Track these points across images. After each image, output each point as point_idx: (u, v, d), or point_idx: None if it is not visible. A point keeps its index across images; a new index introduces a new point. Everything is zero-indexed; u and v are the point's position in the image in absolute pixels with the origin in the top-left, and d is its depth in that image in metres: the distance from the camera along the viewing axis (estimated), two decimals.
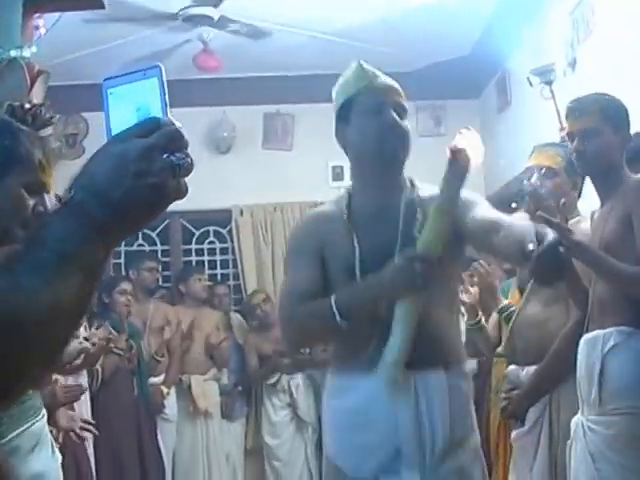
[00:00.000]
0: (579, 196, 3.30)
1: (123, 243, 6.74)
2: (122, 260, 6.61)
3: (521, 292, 3.40)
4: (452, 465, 2.25)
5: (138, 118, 0.98)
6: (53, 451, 2.18)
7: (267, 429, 6.17)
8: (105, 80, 1.02)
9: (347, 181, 6.72)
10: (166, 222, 6.85)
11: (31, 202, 1.81)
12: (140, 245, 6.89)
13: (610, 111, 2.81)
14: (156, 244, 6.96)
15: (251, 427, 6.41)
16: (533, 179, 3.25)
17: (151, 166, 0.90)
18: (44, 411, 2.15)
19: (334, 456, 2.36)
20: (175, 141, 0.93)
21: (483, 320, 3.68)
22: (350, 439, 2.31)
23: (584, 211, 3.21)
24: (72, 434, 3.44)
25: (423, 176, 7.18)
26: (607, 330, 2.70)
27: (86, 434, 3.61)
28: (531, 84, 4.98)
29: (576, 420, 2.77)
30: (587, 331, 2.79)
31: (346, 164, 7.18)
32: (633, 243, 2.61)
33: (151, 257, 6.34)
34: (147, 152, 0.91)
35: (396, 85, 2.47)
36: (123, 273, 6.22)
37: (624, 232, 2.65)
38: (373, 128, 2.36)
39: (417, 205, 2.36)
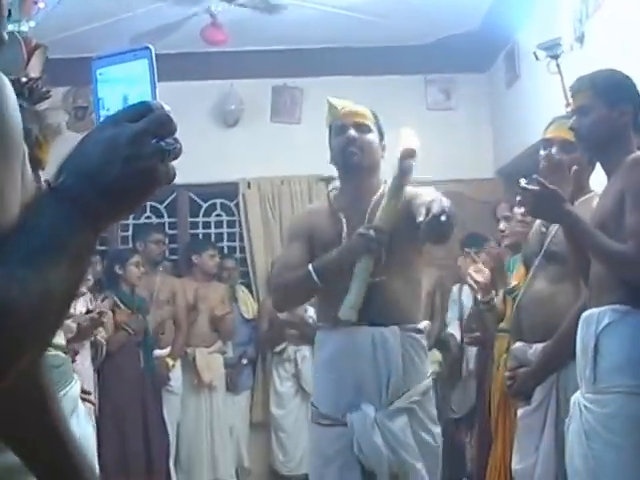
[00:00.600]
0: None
1: (131, 216, 6.78)
2: (130, 233, 6.62)
3: (526, 267, 3.39)
4: (402, 403, 2.90)
5: (127, 100, 0.98)
6: (88, 417, 2.20)
7: (273, 399, 6.23)
8: (94, 60, 1.01)
9: None
10: (174, 195, 6.86)
11: None
12: (148, 218, 6.91)
13: (602, 86, 2.80)
14: (163, 217, 6.97)
15: (258, 400, 6.46)
16: (553, 150, 3.24)
17: (141, 151, 0.90)
18: (76, 377, 2.17)
19: (316, 400, 3.07)
20: (165, 126, 0.92)
21: (495, 300, 3.69)
22: (324, 384, 3.03)
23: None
24: None
25: (432, 149, 7.16)
26: (602, 308, 2.68)
27: (88, 405, 3.65)
28: (537, 58, 4.96)
29: (574, 398, 2.77)
30: (587, 309, 2.78)
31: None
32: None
33: (158, 229, 6.35)
34: (138, 137, 0.90)
35: (359, 109, 3.13)
36: (130, 245, 6.23)
37: (619, 210, 2.63)
38: (338, 145, 3.06)
39: (394, 192, 2.95)
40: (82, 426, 2.11)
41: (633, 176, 2.63)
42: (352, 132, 3.01)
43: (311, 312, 5.55)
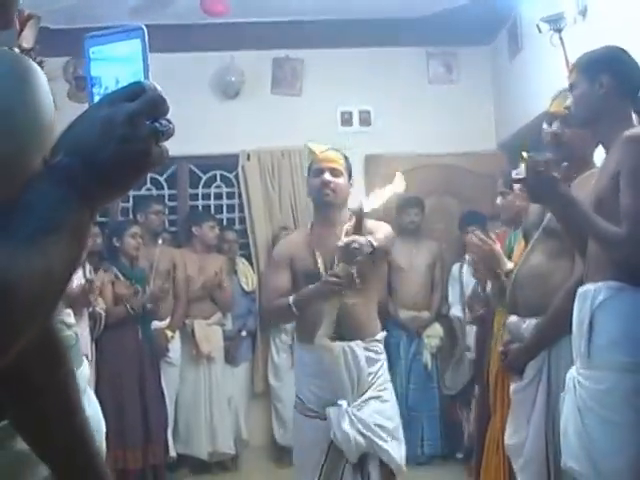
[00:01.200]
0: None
1: None
2: (130, 204, 6.62)
3: (526, 240, 3.39)
4: (368, 395, 3.59)
5: (119, 79, 0.99)
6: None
7: (271, 371, 6.29)
8: (87, 38, 1.01)
9: (356, 127, 6.82)
10: (174, 167, 6.85)
11: None
12: (148, 189, 6.89)
13: (584, 63, 2.85)
14: (163, 188, 6.95)
15: (259, 371, 6.49)
16: (555, 125, 3.24)
17: (137, 132, 0.91)
18: (85, 358, 2.18)
19: (301, 394, 3.70)
20: (158, 107, 0.94)
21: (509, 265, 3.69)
22: (308, 386, 3.67)
23: None
24: None
25: (433, 122, 7.12)
26: (598, 285, 2.69)
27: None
28: (540, 31, 4.96)
29: (569, 374, 2.78)
30: (582, 285, 2.79)
31: (355, 110, 7.18)
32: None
33: (158, 200, 6.33)
34: (133, 118, 0.91)
35: (334, 156, 3.75)
36: (131, 217, 6.23)
37: (614, 187, 2.63)
38: (315, 185, 3.70)
39: (355, 229, 3.49)
40: (92, 407, 2.13)
41: (626, 154, 2.61)
42: (327, 176, 3.65)
43: None
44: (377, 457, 3.55)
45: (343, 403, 3.53)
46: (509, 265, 3.54)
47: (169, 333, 5.76)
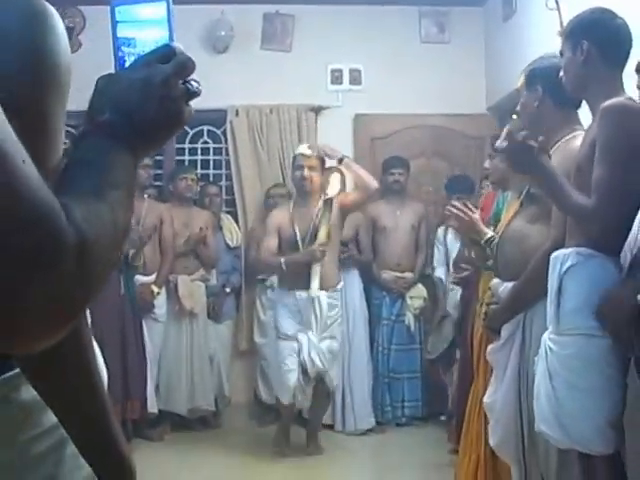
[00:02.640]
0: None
1: None
2: None
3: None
4: (325, 334, 5.23)
5: (145, 41, 1.05)
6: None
7: (256, 328, 6.30)
8: None
9: (346, 85, 6.78)
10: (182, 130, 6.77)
11: None
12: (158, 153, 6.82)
13: (568, 30, 2.87)
14: None
15: (243, 329, 6.51)
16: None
17: (172, 92, 0.98)
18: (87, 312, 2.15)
19: (278, 324, 5.28)
20: (188, 69, 1.00)
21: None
22: (284, 319, 5.25)
23: None
24: None
25: (424, 82, 7.06)
26: (568, 250, 2.74)
27: None
28: None
29: (542, 338, 2.82)
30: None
31: (346, 68, 7.12)
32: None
33: None
34: (170, 79, 0.97)
35: (311, 152, 5.32)
36: None
37: (591, 156, 2.65)
38: (295, 177, 5.39)
39: (324, 211, 5.17)
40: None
41: (602, 126, 2.62)
42: (306, 172, 5.24)
43: None
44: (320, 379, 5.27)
45: (310, 334, 5.17)
46: (489, 234, 3.57)
47: (155, 289, 5.74)
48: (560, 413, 2.69)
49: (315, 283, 5.10)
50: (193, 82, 1.01)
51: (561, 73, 2.90)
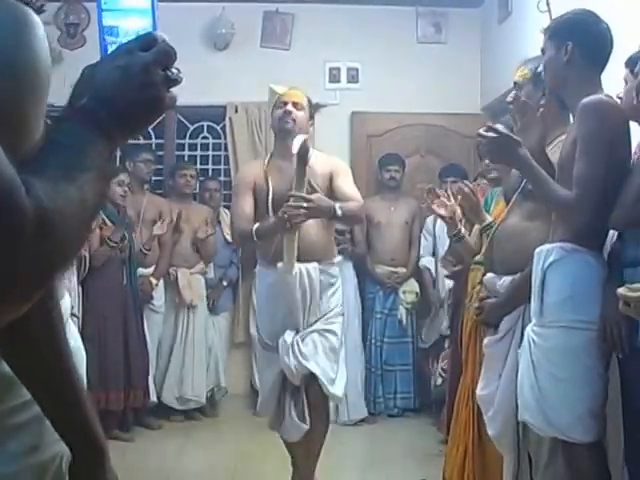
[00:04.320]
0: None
1: None
2: (117, 152, 6.65)
3: (507, 202, 3.44)
4: (316, 327, 3.97)
5: (129, 29, 1.08)
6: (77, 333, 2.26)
7: (253, 321, 6.28)
8: None
9: (343, 83, 6.86)
10: (162, 116, 6.85)
11: None
12: (136, 138, 6.92)
13: (552, 29, 2.92)
14: (151, 137, 6.98)
15: (240, 320, 6.61)
16: (519, 93, 3.34)
17: (152, 79, 1.00)
18: (66, 293, 2.20)
19: (259, 328, 4.16)
20: (170, 57, 1.02)
21: (463, 231, 3.79)
22: (263, 316, 4.14)
23: None
24: None
25: (420, 82, 7.12)
26: (551, 245, 2.80)
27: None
28: None
29: (526, 331, 2.89)
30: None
31: (343, 66, 7.18)
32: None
33: (147, 149, 6.36)
34: (150, 66, 0.99)
35: (298, 92, 4.12)
36: (118, 165, 6.26)
37: (573, 153, 2.72)
38: (277, 115, 4.05)
39: (298, 160, 3.79)
40: (74, 337, 2.17)
41: (582, 122, 2.69)
42: (289, 107, 3.99)
43: None
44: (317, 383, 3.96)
45: (289, 336, 3.92)
46: (489, 219, 3.62)
47: (154, 281, 5.86)
48: (543, 402, 2.76)
49: (290, 256, 3.81)
50: (174, 70, 1.02)
51: (540, 67, 2.98)
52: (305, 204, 3.69)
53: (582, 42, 2.82)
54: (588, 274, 2.73)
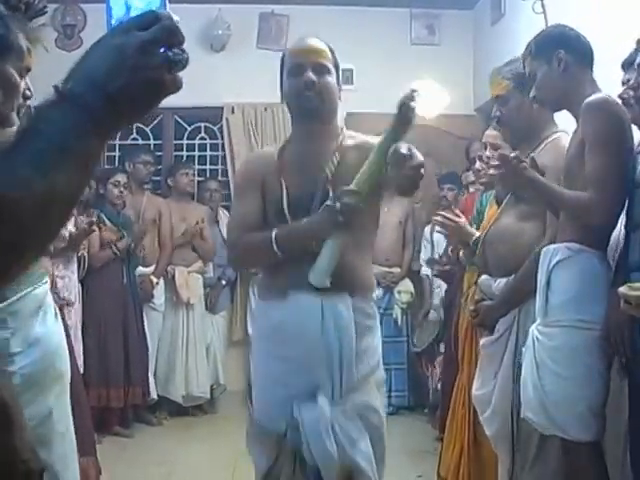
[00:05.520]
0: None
1: (118, 136, 6.85)
2: (116, 153, 6.72)
3: (498, 205, 3.45)
4: (360, 398, 2.60)
5: (137, 9, 1.00)
6: (56, 317, 2.26)
7: (250, 319, 6.41)
8: None
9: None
10: (160, 117, 6.95)
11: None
12: (134, 139, 7.01)
13: (535, 48, 2.91)
14: (149, 138, 7.06)
15: (238, 319, 6.67)
16: (493, 110, 3.36)
17: (149, 60, 0.92)
18: (47, 278, 2.23)
19: (255, 402, 2.72)
20: (172, 36, 0.94)
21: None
22: (270, 373, 2.65)
23: None
24: None
25: (413, 83, 7.15)
26: (557, 245, 2.81)
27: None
28: None
29: (530, 330, 2.90)
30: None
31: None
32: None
33: (146, 151, 6.43)
34: (146, 46, 0.91)
35: (318, 47, 2.69)
36: (117, 166, 6.33)
37: (580, 154, 2.72)
38: (292, 88, 2.65)
39: (342, 152, 2.66)
40: (48, 325, 2.17)
41: (587, 122, 2.70)
42: (310, 75, 2.61)
43: None
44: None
45: (324, 404, 2.51)
46: (476, 234, 3.58)
47: (154, 279, 5.94)
48: (545, 401, 2.77)
49: (329, 262, 2.46)
50: (176, 50, 0.94)
51: (532, 93, 2.95)
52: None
53: (571, 47, 2.85)
54: (593, 274, 2.75)
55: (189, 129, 7.14)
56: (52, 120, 0.90)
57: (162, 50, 0.93)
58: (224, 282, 6.53)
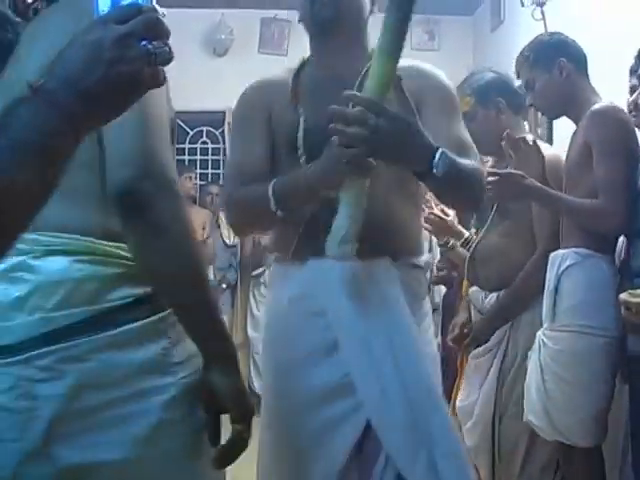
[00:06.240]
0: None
1: None
2: None
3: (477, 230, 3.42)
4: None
5: (122, 2, 0.95)
6: None
7: (250, 322, 6.48)
8: None
9: None
10: (143, 94, 6.98)
11: None
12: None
13: (534, 57, 2.90)
14: None
15: (238, 322, 6.69)
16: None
17: (125, 54, 0.88)
18: None
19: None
20: (153, 29, 0.90)
21: (452, 241, 3.77)
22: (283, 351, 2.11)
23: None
24: None
25: None
26: (566, 250, 2.80)
27: None
28: (523, 4, 5.07)
29: (537, 334, 2.89)
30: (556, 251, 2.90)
31: None
32: (591, 172, 2.70)
33: None
34: (123, 39, 0.87)
35: None
36: None
37: (584, 161, 2.73)
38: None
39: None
40: None
41: (595, 129, 2.70)
42: None
43: None
44: None
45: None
46: (466, 234, 3.55)
47: None
48: (548, 405, 2.76)
49: (346, 222, 1.74)
50: (156, 43, 0.89)
51: (530, 101, 2.96)
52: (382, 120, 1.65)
53: (570, 54, 2.86)
54: (601, 279, 2.75)
55: (191, 133, 7.19)
56: (19, 116, 0.87)
57: (142, 43, 0.89)
58: (225, 286, 6.57)
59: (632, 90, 2.85)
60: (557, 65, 2.84)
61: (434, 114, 1.96)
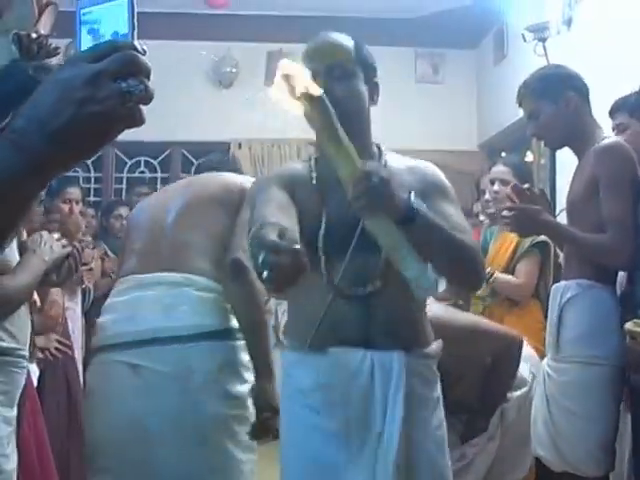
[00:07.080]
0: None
1: (125, 169, 6.95)
2: (124, 186, 6.82)
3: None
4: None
5: (106, 30, 0.94)
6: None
7: None
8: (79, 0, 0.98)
9: None
10: (168, 151, 7.06)
11: None
12: (142, 172, 7.10)
13: (540, 87, 2.92)
14: (157, 171, 7.16)
15: None
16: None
17: (96, 93, 0.83)
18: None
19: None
20: (129, 66, 0.85)
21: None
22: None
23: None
24: (47, 352, 3.72)
25: (418, 120, 7.27)
26: (568, 282, 2.84)
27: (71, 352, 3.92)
28: (525, 40, 5.12)
29: (542, 365, 2.94)
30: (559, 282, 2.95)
31: None
32: (596, 206, 2.74)
33: (144, 183, 6.53)
34: (94, 78, 0.83)
35: (335, 44, 2.16)
36: (116, 198, 6.40)
37: (588, 194, 2.76)
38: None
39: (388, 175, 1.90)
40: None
41: (602, 165, 2.73)
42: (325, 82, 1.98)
43: None
44: None
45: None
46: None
47: None
48: (556, 437, 2.78)
49: (413, 264, 1.79)
50: (132, 81, 0.84)
51: (532, 131, 2.99)
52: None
53: (577, 88, 2.90)
54: (604, 310, 2.77)
55: (196, 163, 7.22)
56: None
57: (117, 82, 0.84)
58: None
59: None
60: (564, 97, 2.86)
61: (435, 203, 2.05)
